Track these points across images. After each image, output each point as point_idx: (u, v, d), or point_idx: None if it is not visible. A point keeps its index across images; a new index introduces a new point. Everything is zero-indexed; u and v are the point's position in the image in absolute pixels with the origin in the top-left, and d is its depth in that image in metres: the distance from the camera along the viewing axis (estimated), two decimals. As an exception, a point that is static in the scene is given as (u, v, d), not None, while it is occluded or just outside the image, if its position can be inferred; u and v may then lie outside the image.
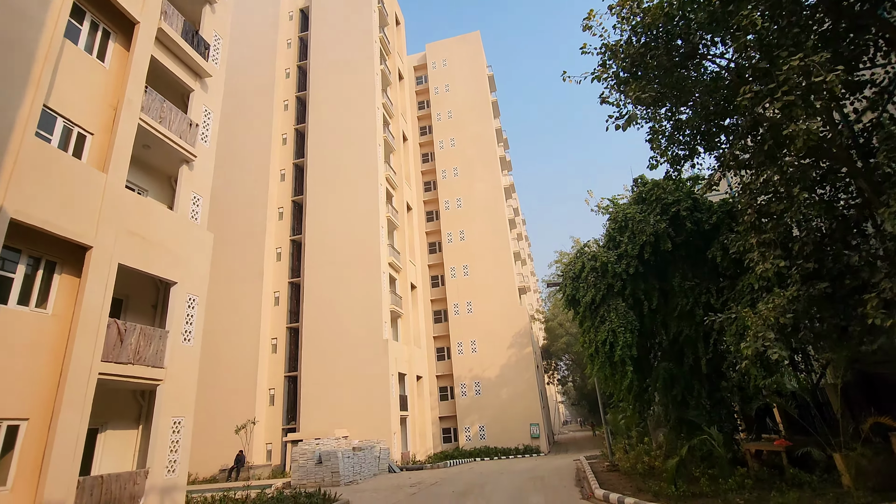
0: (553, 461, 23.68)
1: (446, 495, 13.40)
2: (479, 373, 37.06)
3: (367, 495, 14.60)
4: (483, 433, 35.29)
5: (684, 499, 9.30)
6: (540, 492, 12.84)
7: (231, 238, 33.37)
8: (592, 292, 13.63)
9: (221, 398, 29.15)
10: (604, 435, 45.90)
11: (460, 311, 39.31)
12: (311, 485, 17.22)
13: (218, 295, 31.95)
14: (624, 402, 14.69)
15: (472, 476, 18.17)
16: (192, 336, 13.03)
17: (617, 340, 12.77)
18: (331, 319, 30.04)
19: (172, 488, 11.68)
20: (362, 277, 30.33)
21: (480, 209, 41.71)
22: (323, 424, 27.39)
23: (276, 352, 31.32)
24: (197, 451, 28.24)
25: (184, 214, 13.61)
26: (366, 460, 19.27)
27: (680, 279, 13.18)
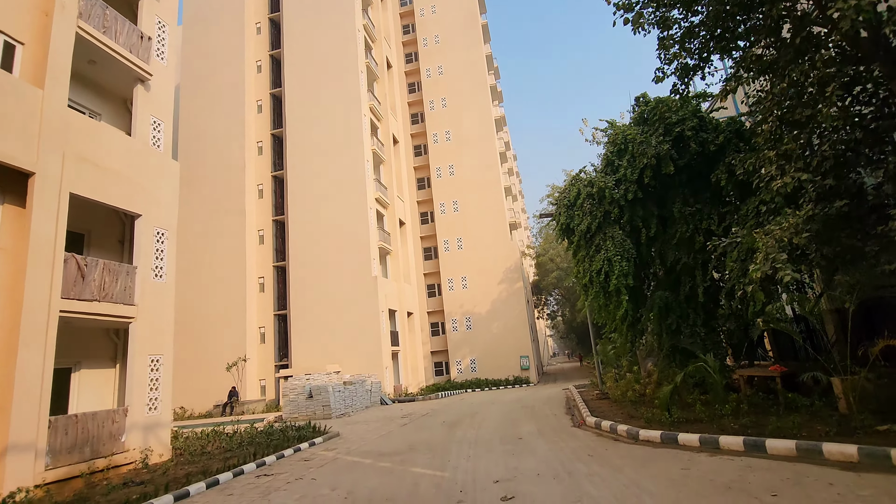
0: (542, 391, 24.14)
1: (437, 426, 13.36)
2: (470, 308, 37.21)
3: (359, 427, 14.59)
4: (474, 366, 35.99)
5: (678, 425, 9.11)
6: (531, 420, 12.80)
7: (209, 174, 31.85)
8: (588, 220, 12.91)
9: (213, 337, 29.01)
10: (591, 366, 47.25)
11: (450, 247, 38.80)
12: (302, 418, 17.27)
13: (200, 233, 30.98)
14: (616, 333, 14.47)
15: (463, 406, 18.35)
16: (164, 272, 12.25)
17: (612, 269, 12.23)
18: (318, 257, 29.38)
19: (156, 425, 11.38)
20: (349, 214, 29.35)
21: (470, 142, 40.07)
22: (314, 361, 27.52)
23: (263, 291, 30.88)
24: (191, 388, 28.56)
25: (143, 141, 12.36)
26: (357, 394, 19.33)
27: (681, 205, 12.47)
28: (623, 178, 12.83)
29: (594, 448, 8.46)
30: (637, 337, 14.47)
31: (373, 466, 8.63)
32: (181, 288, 30.71)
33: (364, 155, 30.01)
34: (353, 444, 11.52)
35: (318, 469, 8.87)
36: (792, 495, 5.05)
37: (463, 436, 11.12)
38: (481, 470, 7.53)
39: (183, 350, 29.18)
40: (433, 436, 11.52)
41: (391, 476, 7.71)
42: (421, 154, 42.33)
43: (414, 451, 9.70)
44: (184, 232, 31.32)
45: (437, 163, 40.50)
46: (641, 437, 8.66)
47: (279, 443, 11.73)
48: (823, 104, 6.35)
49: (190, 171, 32.21)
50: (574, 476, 6.64)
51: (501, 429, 11.73)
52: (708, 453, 7.22)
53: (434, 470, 7.82)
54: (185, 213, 31.73)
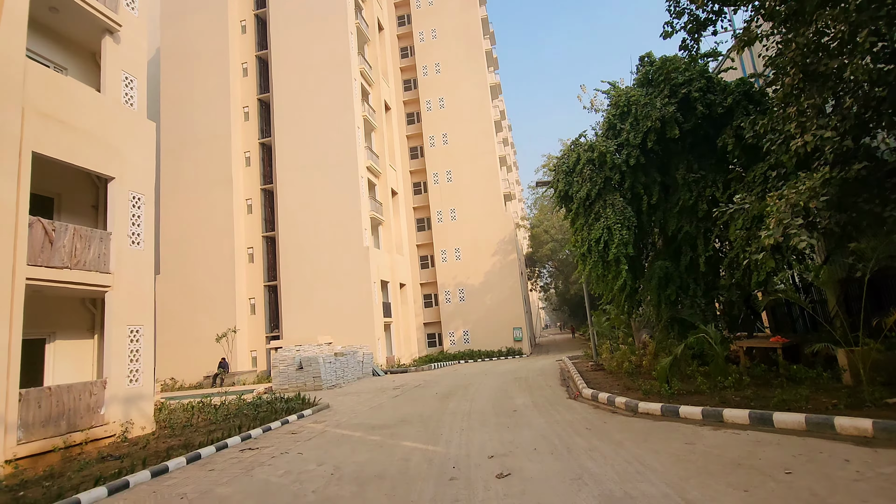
0: (536, 362, 24.07)
1: (430, 397, 13.09)
2: (464, 280, 36.89)
3: (349, 399, 14.31)
4: (467, 337, 35.92)
5: (678, 397, 8.83)
6: (525, 392, 12.55)
7: (195, 142, 30.71)
8: (588, 186, 12.36)
9: (202, 307, 28.51)
10: (584, 337, 47.44)
11: (444, 218, 38.17)
12: (292, 390, 16.99)
13: (188, 203, 30.10)
14: (613, 304, 14.13)
15: (456, 378, 18.15)
16: (141, 239, 11.61)
17: (612, 238, 11.77)
18: (308, 227, 28.68)
19: (138, 398, 10.97)
20: (339, 182, 28.52)
21: (465, 110, 38.93)
22: (306, 332, 27.18)
23: (252, 261, 30.25)
24: (182, 359, 28.25)
25: (115, 98, 11.51)
26: (348, 365, 19.05)
27: (684, 171, 11.95)
28: (625, 143, 12.24)
29: (592, 421, 8.16)
30: (634, 308, 14.16)
31: (362, 440, 8.29)
32: (170, 258, 30.09)
33: (355, 121, 28.97)
34: (342, 416, 11.21)
35: (305, 443, 8.53)
36: (807, 473, 4.72)
37: (456, 408, 10.83)
38: (475, 444, 7.20)
39: (173, 321, 28.76)
40: (425, 408, 11.24)
41: (381, 450, 7.37)
42: (414, 122, 41.15)
43: (405, 424, 9.38)
44: (171, 202, 30.46)
45: (431, 131, 39.42)
46: (641, 409, 8.37)
47: (266, 415, 11.40)
48: (854, 55, 5.76)
49: (174, 140, 31.08)
50: (573, 451, 6.30)
51: (495, 401, 11.46)
52: (711, 427, 6.91)
53: (426, 444, 7.49)
54: (171, 183, 30.81)
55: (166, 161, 30.96)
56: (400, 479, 5.80)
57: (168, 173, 30.82)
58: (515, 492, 5.01)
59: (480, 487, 5.24)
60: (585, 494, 4.74)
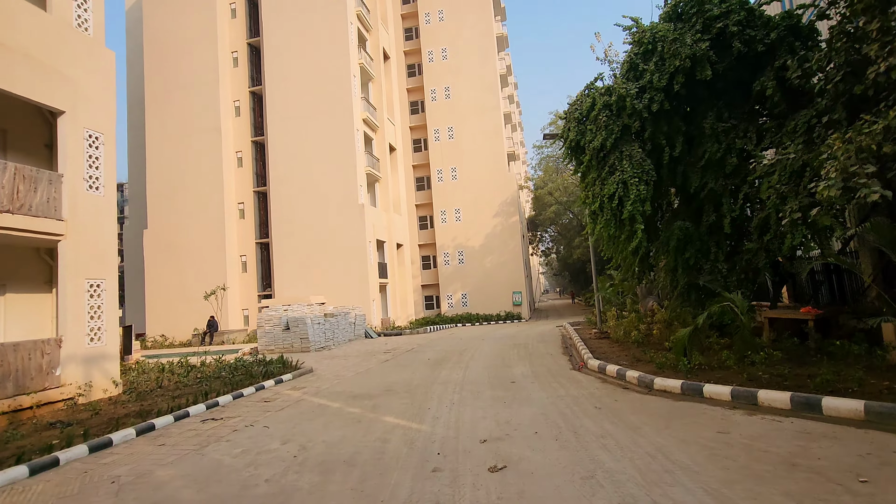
0: (535, 327, 23.24)
1: (421, 363, 12.17)
2: (463, 242, 35.77)
3: (336, 362, 13.42)
4: (465, 300, 35.13)
5: (698, 373, 7.81)
6: (524, 360, 11.60)
7: (180, 87, 28.86)
8: (603, 135, 10.96)
9: (192, 264, 27.52)
10: (583, 303, 46.79)
11: (444, 177, 36.65)
12: (278, 351, 16.14)
13: (175, 156, 28.61)
14: (622, 268, 12.98)
15: (452, 342, 17.28)
16: (100, 183, 10.36)
17: (628, 194, 10.49)
18: (301, 182, 27.28)
19: (100, 358, 10.02)
20: (334, 134, 26.90)
21: (469, 61, 36.70)
22: (298, 291, 26.28)
23: (244, 217, 29.03)
24: (173, 315, 27.48)
25: (64, 19, 9.99)
26: (339, 326, 18.16)
27: (713, 120, 10.54)
28: (648, 85, 10.77)
29: (600, 398, 7.16)
30: (646, 272, 13.03)
31: (340, 413, 7.33)
32: (158, 212, 28.84)
33: (350, 69, 27.04)
34: (324, 382, 10.29)
35: (276, 413, 7.58)
36: (890, 481, 3.67)
37: (448, 377, 9.88)
38: (466, 423, 6.21)
39: (162, 277, 27.84)
40: (415, 376, 10.30)
41: (358, 427, 6.40)
42: (415, 74, 38.95)
43: (390, 395, 8.42)
44: (157, 153, 28.93)
45: (432, 84, 37.33)
46: (657, 386, 7.35)
47: (242, 379, 10.48)
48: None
49: (159, 86, 29.24)
50: (581, 437, 5.29)
51: (492, 369, 10.50)
52: (744, 411, 5.89)
53: (410, 421, 6.51)
54: (157, 133, 29.15)
55: (151, 109, 29.23)
56: (372, 467, 4.80)
57: (154, 122, 29.14)
58: (512, 493, 4.00)
59: (468, 484, 4.23)
60: (602, 502, 3.71)
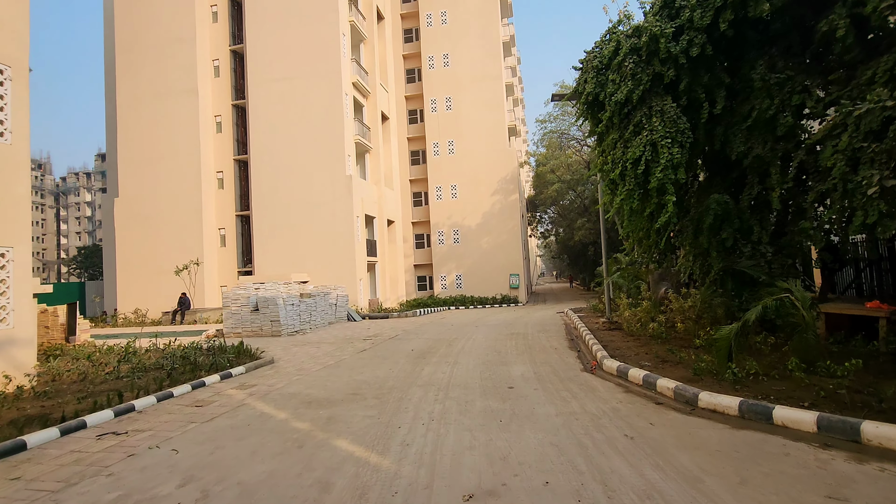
0: (534, 313, 21.51)
1: (403, 355, 10.39)
2: (459, 220, 33.82)
3: (306, 350, 11.62)
4: (460, 282, 33.38)
5: (749, 383, 6.03)
6: (524, 355, 9.82)
7: (154, 47, 26.40)
8: (628, 86, 8.97)
9: (167, 236, 25.51)
10: (582, 287, 45.09)
11: (441, 151, 34.48)
12: (246, 334, 14.34)
13: (149, 119, 26.32)
14: (641, 248, 11.12)
15: (442, 328, 15.50)
16: (8, 130, 8.35)
17: (658, 158, 8.57)
18: (284, 150, 25.13)
19: (7, 343, 8.17)
20: (320, 98, 24.66)
21: (470, 25, 34.18)
22: (281, 268, 24.42)
23: (223, 187, 26.92)
24: (145, 290, 25.54)
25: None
26: (318, 308, 16.34)
27: (764, 70, 8.56)
28: (687, 25, 8.75)
29: (629, 418, 5.37)
30: (668, 254, 11.19)
31: (282, 429, 5.53)
32: (129, 179, 26.67)
33: (339, 26, 24.64)
34: (281, 378, 8.49)
35: (199, 427, 5.77)
36: None
37: (431, 376, 8.09)
38: (446, 457, 4.41)
39: (135, 249, 25.89)
40: (391, 372, 8.51)
41: (297, 456, 4.60)
42: (412, 40, 36.38)
43: (355, 401, 6.63)
44: (129, 115, 26.61)
45: (430, 50, 34.84)
46: (703, 403, 5.55)
47: (181, 373, 8.66)
48: None
49: (130, 40, 26.77)
50: (617, 497, 3.49)
51: (485, 367, 8.71)
52: (846, 453, 4.10)
53: (369, 449, 4.71)
54: (129, 92, 26.75)
55: (123, 67, 26.79)
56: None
57: (126, 81, 26.73)
58: None
59: None
60: None
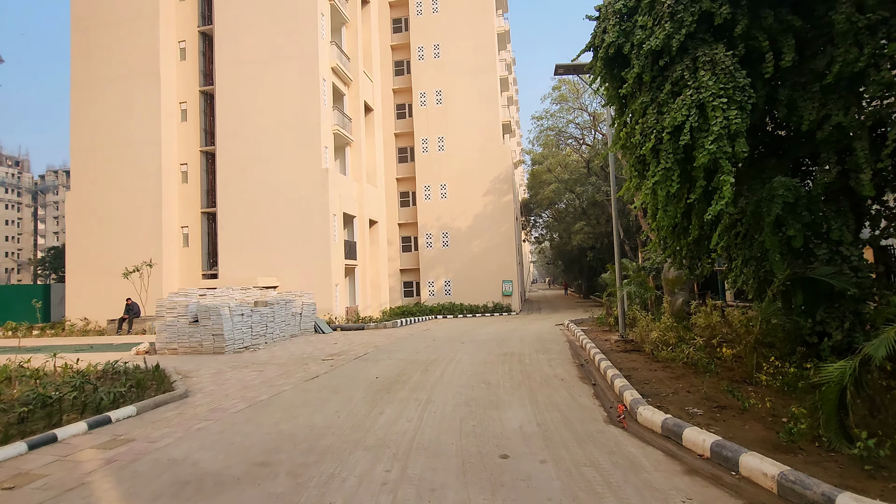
0: (529, 325, 19.10)
1: (362, 387, 7.92)
2: (449, 222, 31.44)
3: (241, 376, 9.10)
4: (448, 288, 30.94)
5: (889, 463, 3.66)
6: (521, 390, 7.38)
7: (112, 18, 23.81)
8: (666, 30, 6.65)
9: (122, 234, 22.85)
10: (577, 295, 42.58)
11: (430, 147, 32.14)
12: (183, 350, 11.77)
13: (105, 100, 23.75)
14: (672, 248, 8.72)
15: (421, 345, 13.03)
16: None
17: (708, 125, 6.24)
18: (254, 140, 22.63)
19: None
20: (295, 83, 22.24)
21: (462, 16, 32.02)
22: (249, 271, 21.85)
23: (186, 181, 24.33)
24: (96, 295, 22.75)
25: None
26: (276, 318, 13.81)
27: (849, 8, 6.28)
28: (746, -53, 6.46)
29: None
30: (703, 257, 8.83)
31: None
32: (83, 171, 23.93)
33: (318, 4, 22.27)
34: (179, 426, 5.99)
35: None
36: None
37: (390, 428, 5.63)
38: None
39: (88, 249, 23.21)
40: (336, 419, 6.05)
41: None
42: (401, 31, 34.13)
43: (257, 482, 4.17)
44: (84, 98, 23.97)
45: (420, 41, 32.59)
46: (845, 516, 3.16)
47: (40, 417, 6.13)
48: None
49: (85, 12, 24.20)
50: None
51: (468, 412, 6.28)
52: None
53: None
54: (84, 73, 24.09)
55: (78, 47, 24.19)
56: None
57: (80, 63, 24.12)
58: None
59: None
60: None
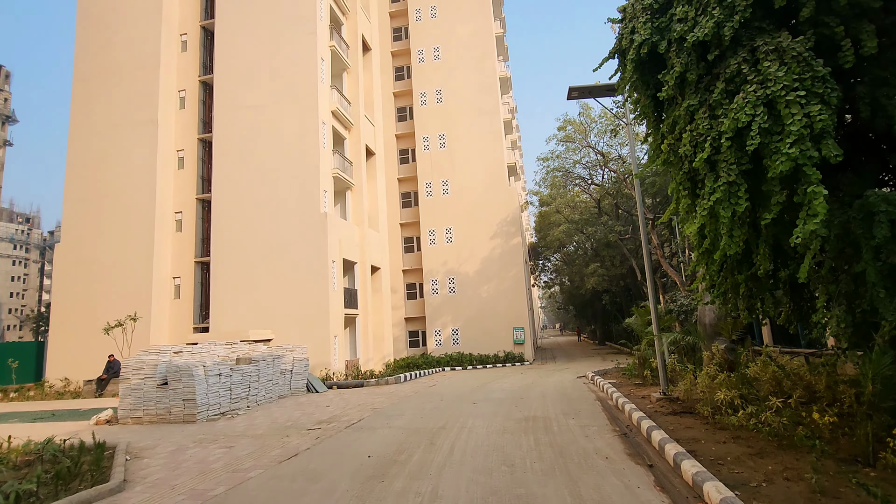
0: (548, 376, 17.19)
1: (348, 468, 6.22)
2: (455, 267, 30.02)
3: (203, 455, 7.39)
4: (456, 337, 29.07)
5: None
6: (555, 476, 5.66)
7: (114, 70, 23.71)
8: (715, 19, 5.45)
9: (111, 287, 21.56)
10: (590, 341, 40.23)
11: (434, 191, 31.27)
12: (149, 419, 10.08)
13: (102, 151, 23.20)
14: (729, 284, 7.12)
15: (427, 407, 11.23)
16: None
17: (781, 125, 4.89)
18: (251, 185, 21.75)
19: None
20: (294, 127, 21.60)
21: (464, 61, 32.07)
22: (242, 323, 20.34)
23: (181, 230, 23.29)
24: (80, 353, 21.24)
25: None
26: (262, 378, 12.15)
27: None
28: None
29: None
30: (765, 295, 7.24)
31: None
32: (75, 223, 22.98)
33: (317, 50, 22.01)
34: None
35: None
36: None
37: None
38: None
39: (74, 303, 21.88)
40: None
41: None
42: (403, 78, 34.23)
43: None
44: (81, 150, 23.44)
45: (423, 86, 32.51)
46: None
47: None
48: None
49: (89, 68, 24.16)
50: None
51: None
52: None
53: None
54: (83, 125, 23.72)
55: (78, 95, 23.97)
56: None
57: (80, 111, 23.81)
58: None
59: None
60: None
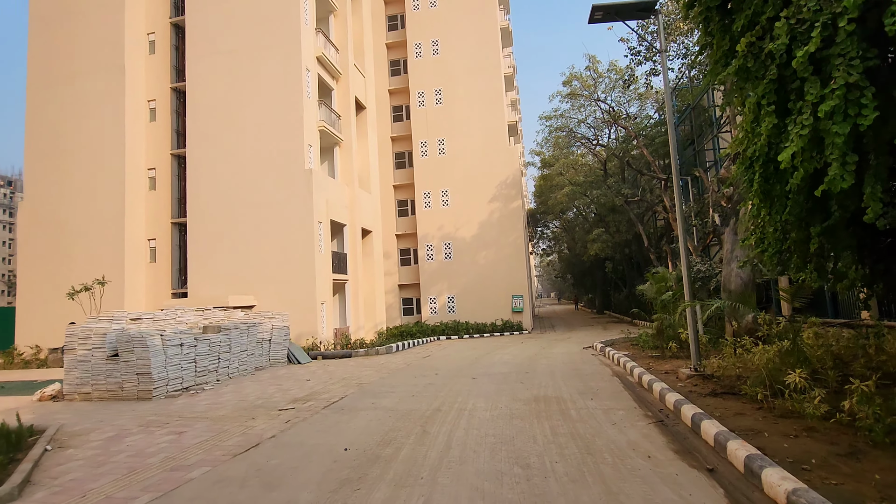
0: (551, 347, 15.98)
1: (318, 466, 4.88)
2: (452, 231, 28.51)
3: (140, 444, 6.04)
4: (452, 305, 27.86)
5: None
6: (589, 488, 4.34)
7: (70, 8, 21.33)
8: None
9: (81, 249, 19.97)
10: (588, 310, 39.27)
11: (429, 151, 29.40)
12: (98, 395, 8.74)
13: (64, 100, 21.08)
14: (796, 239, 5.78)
15: (420, 383, 9.94)
16: None
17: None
18: (229, 139, 19.88)
19: None
20: (275, 74, 19.56)
21: (462, 10, 29.62)
22: (223, 288, 18.88)
23: (155, 188, 21.50)
24: (50, 319, 19.89)
25: None
26: (235, 348, 10.79)
27: None
28: None
29: None
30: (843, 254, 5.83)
31: None
32: (39, 178, 21.02)
33: (299, -14, 19.74)
34: None
35: None
36: None
37: None
38: None
39: (42, 266, 20.31)
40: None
41: None
42: (396, 28, 31.75)
43: None
44: (42, 98, 21.35)
45: (417, 37, 30.14)
46: None
47: None
48: None
49: (46, 10, 21.74)
50: None
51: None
52: None
53: None
54: (42, 70, 21.56)
55: (35, 41, 21.67)
56: None
57: (37, 58, 21.57)
58: None
59: None
60: None
